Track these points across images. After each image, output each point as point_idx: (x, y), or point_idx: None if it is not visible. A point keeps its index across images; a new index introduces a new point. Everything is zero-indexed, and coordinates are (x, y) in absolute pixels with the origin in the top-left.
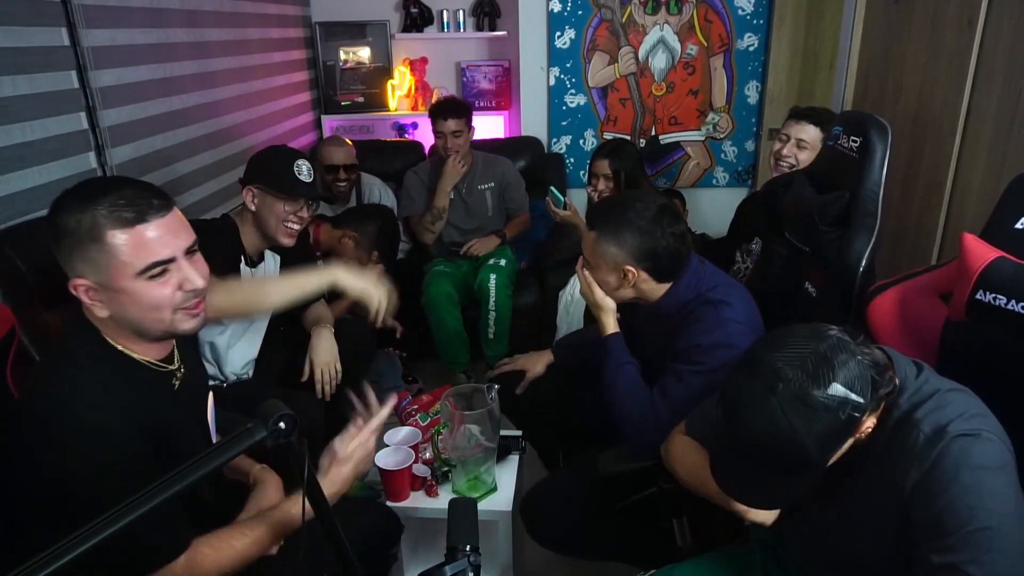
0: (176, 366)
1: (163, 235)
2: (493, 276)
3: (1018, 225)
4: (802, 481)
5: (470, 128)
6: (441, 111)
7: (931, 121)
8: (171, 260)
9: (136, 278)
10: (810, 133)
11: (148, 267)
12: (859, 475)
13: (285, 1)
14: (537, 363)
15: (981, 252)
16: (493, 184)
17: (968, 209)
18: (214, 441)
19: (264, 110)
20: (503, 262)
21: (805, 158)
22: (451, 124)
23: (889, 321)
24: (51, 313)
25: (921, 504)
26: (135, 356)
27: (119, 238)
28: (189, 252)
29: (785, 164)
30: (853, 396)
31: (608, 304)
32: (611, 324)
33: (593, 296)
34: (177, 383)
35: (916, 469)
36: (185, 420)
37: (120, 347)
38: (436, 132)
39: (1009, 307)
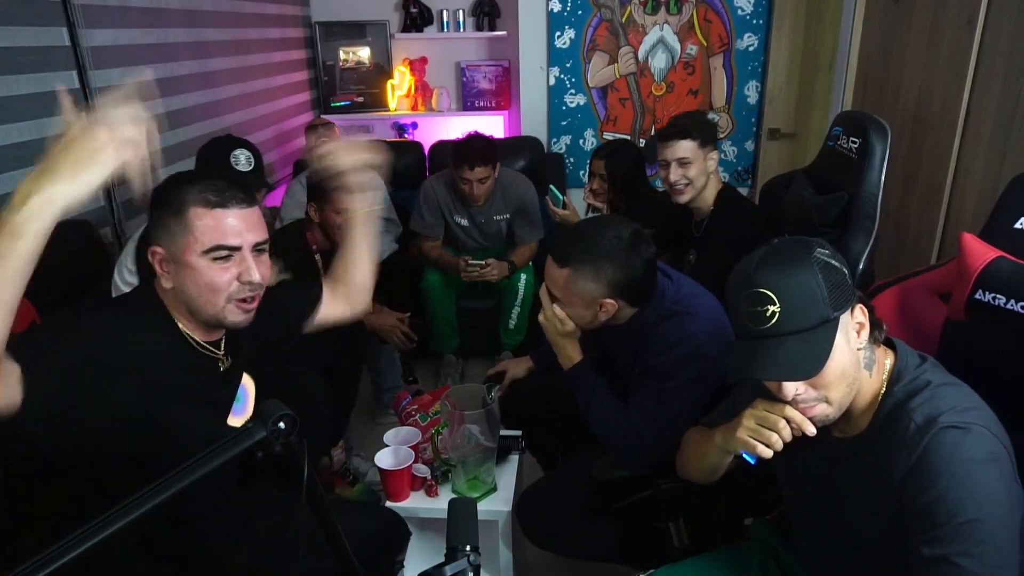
0: (222, 353)
1: (236, 225)
2: (524, 276)
3: (1017, 225)
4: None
5: (495, 170)
6: (467, 158)
7: (931, 121)
8: (237, 248)
9: (201, 256)
10: (685, 148)
11: (214, 247)
12: (857, 461)
13: (285, 1)
14: (518, 366)
15: (980, 252)
16: (509, 215)
17: (968, 209)
18: (229, 423)
19: (264, 110)
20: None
21: (694, 173)
22: (479, 172)
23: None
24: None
25: (911, 494)
26: (184, 330)
27: (198, 215)
28: (257, 249)
29: (680, 186)
30: None
31: (571, 332)
32: (575, 353)
33: (563, 328)
34: (223, 367)
35: (905, 458)
36: (218, 400)
37: (174, 318)
38: (460, 178)
39: (1008, 307)
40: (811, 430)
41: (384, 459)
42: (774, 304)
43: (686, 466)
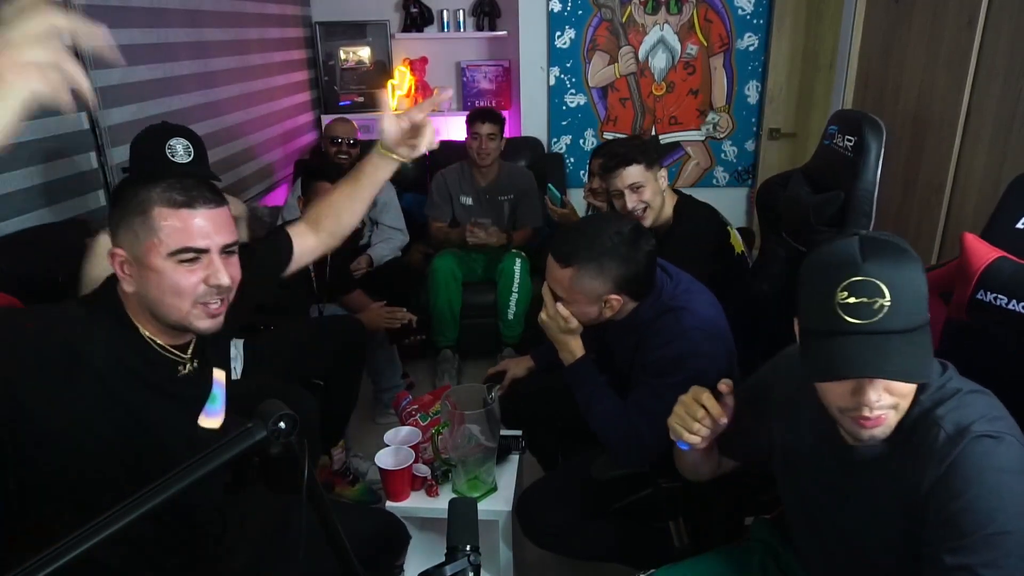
0: (188, 357)
1: (204, 226)
2: (519, 260)
3: (1018, 225)
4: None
5: (502, 137)
6: (480, 115)
7: (931, 121)
8: (204, 251)
9: (167, 258)
10: (633, 173)
11: (180, 250)
12: (873, 468)
13: (285, 1)
14: (519, 366)
15: (982, 252)
16: (512, 196)
17: (968, 209)
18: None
19: (264, 110)
20: (524, 252)
21: (649, 195)
22: (487, 127)
23: None
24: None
25: (938, 503)
26: (145, 334)
27: (163, 215)
28: (226, 251)
29: (639, 211)
30: None
31: (575, 329)
32: (577, 348)
33: (566, 325)
34: (183, 372)
35: (934, 467)
36: (169, 406)
37: (136, 323)
38: (472, 134)
39: (1010, 307)
40: (724, 423)
41: (384, 459)
42: (883, 297)
43: (677, 461)
